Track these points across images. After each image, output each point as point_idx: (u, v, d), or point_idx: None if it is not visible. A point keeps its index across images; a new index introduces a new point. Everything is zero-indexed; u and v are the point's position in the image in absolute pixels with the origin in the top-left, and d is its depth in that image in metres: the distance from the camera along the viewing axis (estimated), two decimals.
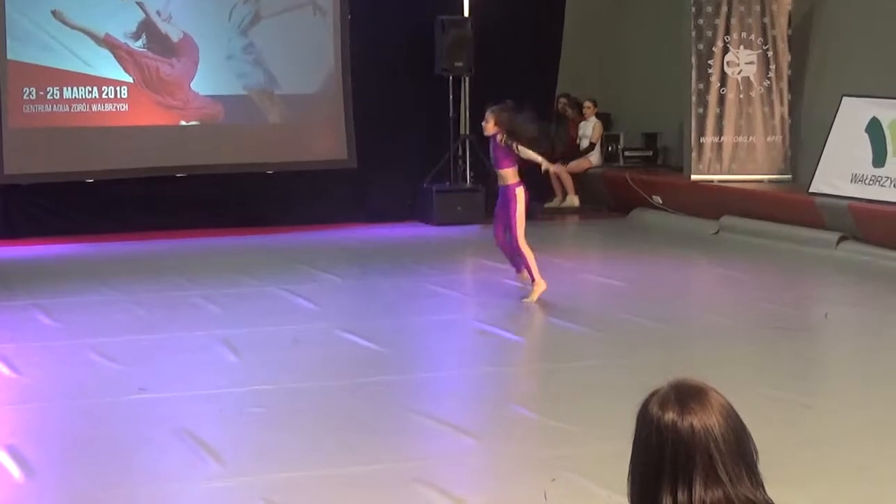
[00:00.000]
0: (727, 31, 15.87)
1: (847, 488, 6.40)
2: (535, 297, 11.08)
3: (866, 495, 6.36)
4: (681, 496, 2.74)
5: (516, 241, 11.08)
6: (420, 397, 8.24)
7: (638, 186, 16.59)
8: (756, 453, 2.81)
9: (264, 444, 7.16)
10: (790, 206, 14.49)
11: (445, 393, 8.44)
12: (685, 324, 10.71)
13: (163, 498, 6.42)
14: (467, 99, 16.41)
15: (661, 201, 16.28)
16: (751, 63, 15.85)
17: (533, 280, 11.12)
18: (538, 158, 11.09)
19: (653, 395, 2.86)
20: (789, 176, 15.70)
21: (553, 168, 11.19)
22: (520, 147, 10.94)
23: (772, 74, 15.81)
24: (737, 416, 2.80)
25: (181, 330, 10.14)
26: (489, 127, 11.11)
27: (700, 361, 9.12)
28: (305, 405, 7.95)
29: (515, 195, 11.04)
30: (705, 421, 2.76)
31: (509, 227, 11.09)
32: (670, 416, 2.78)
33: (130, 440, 7.34)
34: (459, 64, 16.23)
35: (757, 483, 2.79)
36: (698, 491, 2.74)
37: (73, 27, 15.11)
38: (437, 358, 9.54)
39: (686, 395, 2.81)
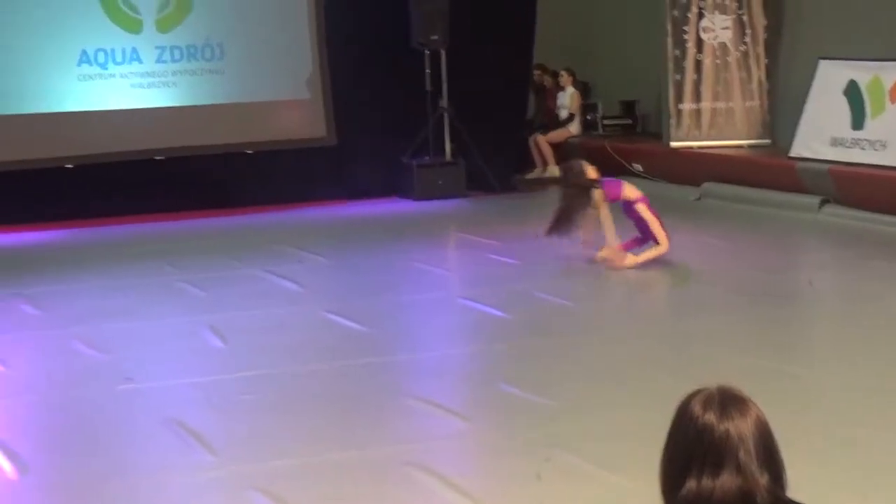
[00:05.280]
0: None
1: (835, 455, 6.45)
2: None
3: (854, 461, 6.39)
4: (706, 482, 2.99)
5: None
6: (408, 379, 8.25)
7: (618, 155, 16.58)
8: (783, 468, 3.05)
9: (255, 432, 7.15)
10: (771, 170, 14.51)
11: (433, 373, 8.43)
12: (669, 293, 10.73)
13: (156, 490, 6.40)
14: (444, 71, 16.35)
15: (641, 169, 16.28)
16: (726, 28, 15.83)
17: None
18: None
19: (697, 393, 3.09)
20: (769, 141, 15.72)
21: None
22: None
23: (748, 39, 15.79)
24: (770, 432, 3.05)
25: (166, 316, 10.11)
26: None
27: (685, 332, 9.14)
28: (294, 391, 7.95)
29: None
30: (741, 429, 3.01)
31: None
32: (710, 417, 3.03)
33: (121, 432, 7.34)
34: (435, 37, 16.16)
35: (781, 487, 3.03)
36: (723, 478, 2.98)
37: None
38: (424, 338, 9.53)
39: (728, 401, 3.05)
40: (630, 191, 11.38)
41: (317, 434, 7.09)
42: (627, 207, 11.35)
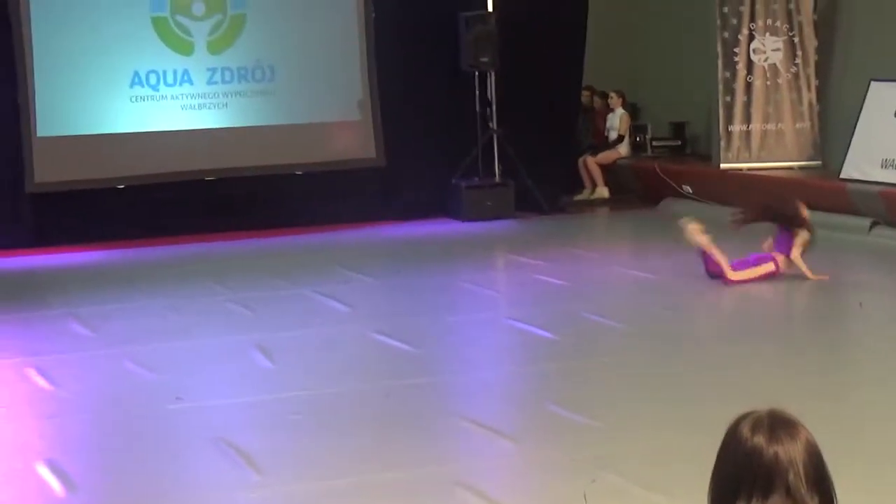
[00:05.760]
0: (752, 19, 15.80)
1: (887, 478, 6.39)
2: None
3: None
4: None
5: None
6: (456, 399, 8.26)
7: (667, 176, 16.54)
8: (834, 491, 3.01)
9: (302, 452, 7.17)
10: (821, 192, 14.41)
11: (481, 394, 8.44)
12: (716, 315, 10.68)
13: None
14: (493, 93, 16.37)
15: (691, 191, 16.23)
16: (777, 50, 15.79)
17: None
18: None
19: (746, 415, 3.07)
20: (819, 162, 15.64)
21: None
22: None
23: (798, 60, 15.73)
24: (820, 455, 3.02)
25: (215, 335, 10.16)
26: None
27: (733, 354, 9.09)
28: (342, 410, 7.96)
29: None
30: (790, 452, 2.98)
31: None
32: (759, 440, 3.01)
33: (169, 451, 7.36)
34: (485, 59, 16.18)
35: None
36: (772, 501, 2.96)
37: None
38: (472, 358, 9.52)
39: (778, 424, 3.03)
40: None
41: (364, 454, 7.09)
42: (785, 245, 11.50)
